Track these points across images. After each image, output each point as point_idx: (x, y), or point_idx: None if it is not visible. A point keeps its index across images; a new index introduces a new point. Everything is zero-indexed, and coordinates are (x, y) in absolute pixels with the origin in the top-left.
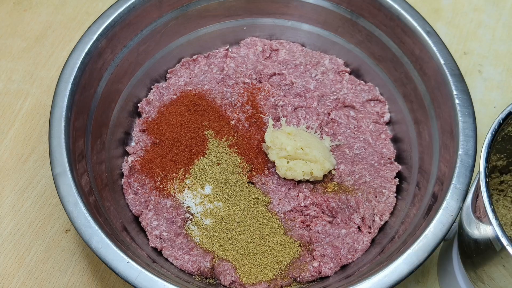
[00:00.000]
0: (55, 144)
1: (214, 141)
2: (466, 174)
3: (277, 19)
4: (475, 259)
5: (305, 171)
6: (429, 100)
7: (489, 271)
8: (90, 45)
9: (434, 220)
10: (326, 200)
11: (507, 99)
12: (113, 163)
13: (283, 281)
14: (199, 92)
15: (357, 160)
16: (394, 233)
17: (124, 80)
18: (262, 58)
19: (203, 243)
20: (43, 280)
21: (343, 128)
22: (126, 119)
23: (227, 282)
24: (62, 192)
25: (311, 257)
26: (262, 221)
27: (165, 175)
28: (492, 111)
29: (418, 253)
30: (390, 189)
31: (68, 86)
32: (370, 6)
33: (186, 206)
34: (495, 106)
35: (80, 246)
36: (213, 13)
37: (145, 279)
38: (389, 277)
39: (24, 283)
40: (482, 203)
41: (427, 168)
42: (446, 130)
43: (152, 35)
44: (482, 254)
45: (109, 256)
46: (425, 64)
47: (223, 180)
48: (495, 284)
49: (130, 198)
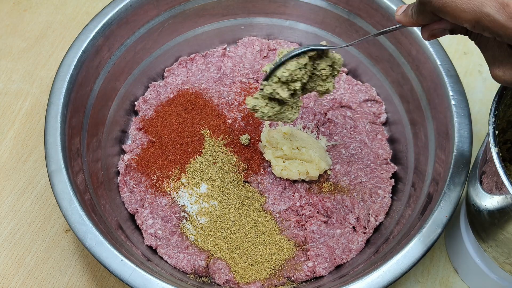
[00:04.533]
0: (50, 141)
1: (210, 140)
2: (461, 175)
3: (275, 18)
4: (485, 225)
5: (300, 171)
6: (425, 101)
7: (498, 236)
8: (87, 43)
9: (428, 221)
10: (322, 200)
11: None
12: (109, 161)
13: (277, 280)
14: (196, 91)
15: (353, 160)
16: (389, 234)
17: (121, 78)
18: (259, 57)
19: (198, 242)
20: (43, 280)
21: (340, 128)
22: (123, 117)
23: (221, 281)
24: (57, 189)
25: (305, 257)
26: (257, 220)
27: (161, 174)
28: None
29: (412, 254)
30: (386, 190)
31: (64, 84)
32: (368, 6)
33: (182, 205)
34: None
35: (80, 246)
36: (210, 12)
37: (139, 277)
38: (383, 277)
39: (24, 283)
40: (494, 173)
41: (423, 169)
42: (442, 131)
43: (149, 33)
44: (495, 221)
45: (103, 254)
46: (421, 64)
47: (218, 179)
48: (504, 246)
49: (125, 196)
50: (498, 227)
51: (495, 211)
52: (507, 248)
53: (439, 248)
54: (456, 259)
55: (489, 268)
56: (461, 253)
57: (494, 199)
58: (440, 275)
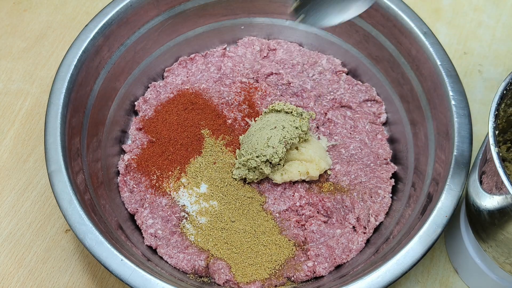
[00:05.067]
0: (50, 141)
1: (210, 140)
2: (461, 175)
3: (275, 18)
4: (485, 225)
5: (301, 171)
6: (425, 101)
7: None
8: (87, 43)
9: (428, 221)
10: (322, 200)
11: None
12: (109, 161)
13: (277, 280)
14: (196, 91)
15: (353, 160)
16: (389, 234)
17: (121, 78)
18: (259, 57)
19: (198, 242)
20: (43, 280)
21: (340, 128)
22: (123, 117)
23: (221, 281)
24: (57, 189)
25: (305, 257)
26: (257, 220)
27: (161, 174)
28: None
29: (412, 254)
30: (386, 190)
31: (65, 84)
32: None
33: (182, 205)
34: None
35: (80, 246)
36: (210, 12)
37: (139, 277)
38: (383, 277)
39: (24, 283)
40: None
41: (423, 169)
42: (442, 131)
43: (149, 33)
44: (495, 221)
45: (103, 254)
46: (421, 64)
47: (218, 179)
48: (504, 246)
49: (125, 196)
50: (498, 227)
51: (495, 211)
52: (507, 248)
53: (439, 248)
54: (456, 259)
55: (489, 268)
56: (461, 253)
57: (494, 199)
58: (440, 275)
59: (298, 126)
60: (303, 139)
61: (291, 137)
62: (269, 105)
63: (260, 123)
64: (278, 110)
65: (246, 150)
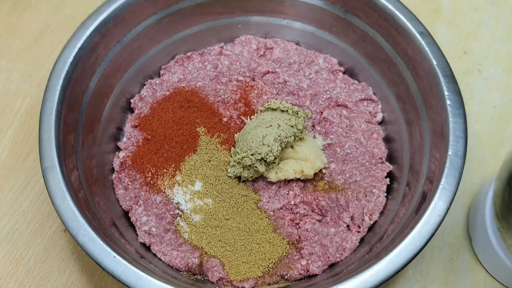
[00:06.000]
0: (45, 138)
1: (206, 138)
2: (455, 175)
3: (272, 17)
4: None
5: (296, 169)
6: (421, 101)
7: None
8: (83, 41)
9: (422, 220)
10: (316, 199)
11: (507, 99)
12: (104, 158)
13: (270, 278)
14: (192, 89)
15: (348, 159)
16: (383, 233)
17: (117, 76)
18: (256, 56)
19: (192, 240)
20: (41, 279)
21: (335, 127)
22: (119, 115)
23: (215, 278)
24: (51, 185)
25: (299, 255)
26: (251, 219)
27: (155, 171)
28: (491, 111)
29: (404, 253)
30: (380, 189)
31: (60, 81)
32: (365, 6)
33: (176, 202)
34: (495, 106)
35: (78, 246)
36: (207, 11)
37: (131, 274)
38: (375, 276)
39: (22, 282)
40: None
41: (418, 168)
42: (437, 130)
43: (146, 31)
44: None
45: (96, 250)
46: (418, 64)
47: (213, 177)
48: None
49: (120, 193)
50: None
51: None
52: None
53: (439, 248)
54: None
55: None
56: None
57: None
58: (440, 275)
59: (293, 124)
60: (299, 137)
61: (286, 136)
62: (265, 104)
63: (256, 121)
64: (274, 108)
65: (241, 148)
